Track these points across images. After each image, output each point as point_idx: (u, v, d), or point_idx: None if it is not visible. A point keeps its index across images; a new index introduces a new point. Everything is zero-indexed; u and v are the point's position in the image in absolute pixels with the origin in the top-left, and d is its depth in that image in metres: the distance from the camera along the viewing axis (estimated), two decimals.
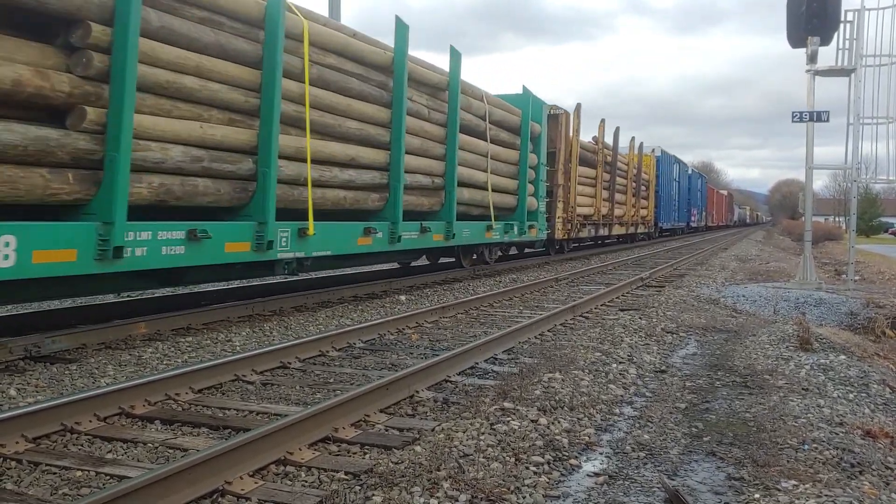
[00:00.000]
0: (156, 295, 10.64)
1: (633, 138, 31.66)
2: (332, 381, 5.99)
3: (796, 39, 13.27)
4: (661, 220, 37.96)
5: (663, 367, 6.79)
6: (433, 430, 4.53)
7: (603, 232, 26.02)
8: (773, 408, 5.40)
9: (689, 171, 48.12)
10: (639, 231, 33.18)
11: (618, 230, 28.60)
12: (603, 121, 25.57)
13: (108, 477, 3.77)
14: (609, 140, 26.39)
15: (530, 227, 16.82)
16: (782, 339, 8.03)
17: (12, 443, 4.11)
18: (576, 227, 21.73)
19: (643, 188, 33.16)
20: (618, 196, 27.71)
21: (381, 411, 4.96)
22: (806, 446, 4.51)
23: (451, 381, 5.93)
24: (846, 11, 13.05)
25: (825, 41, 13.17)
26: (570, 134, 21.12)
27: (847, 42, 13.12)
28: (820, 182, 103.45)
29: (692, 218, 49.05)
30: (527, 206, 16.49)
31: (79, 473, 3.81)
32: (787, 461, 4.25)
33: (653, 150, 36.78)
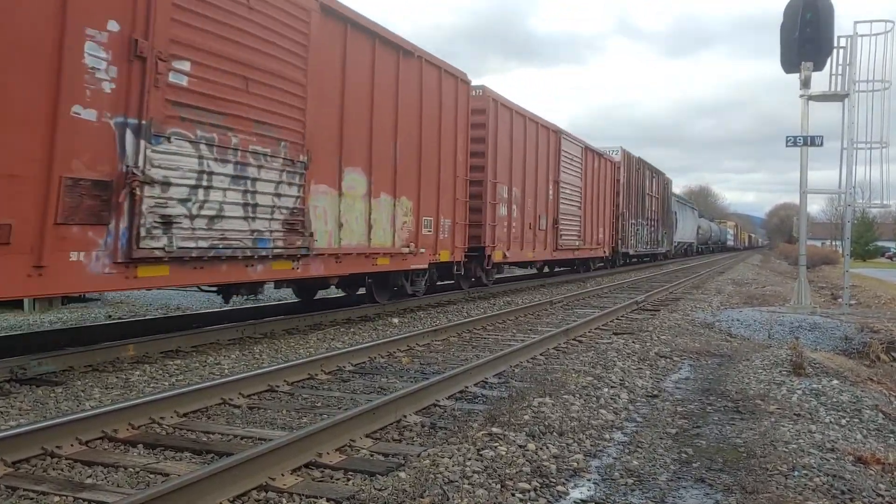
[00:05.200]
0: (146, 317, 10.58)
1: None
2: (319, 404, 5.92)
3: (790, 64, 13.33)
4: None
5: (655, 392, 6.74)
6: (419, 455, 4.47)
7: None
8: (764, 433, 5.34)
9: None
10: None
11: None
12: None
13: (86, 502, 3.70)
14: None
15: None
16: (776, 363, 7.98)
17: None
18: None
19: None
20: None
21: (368, 436, 4.90)
22: (796, 472, 4.46)
23: (439, 406, 5.87)
24: (839, 37, 13.11)
25: (818, 66, 13.22)
26: None
27: (840, 67, 13.17)
28: (816, 206, 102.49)
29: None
30: None
31: (57, 499, 3.74)
32: (777, 488, 4.19)
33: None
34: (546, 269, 24.29)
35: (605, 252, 26.71)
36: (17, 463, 4.21)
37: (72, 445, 4.53)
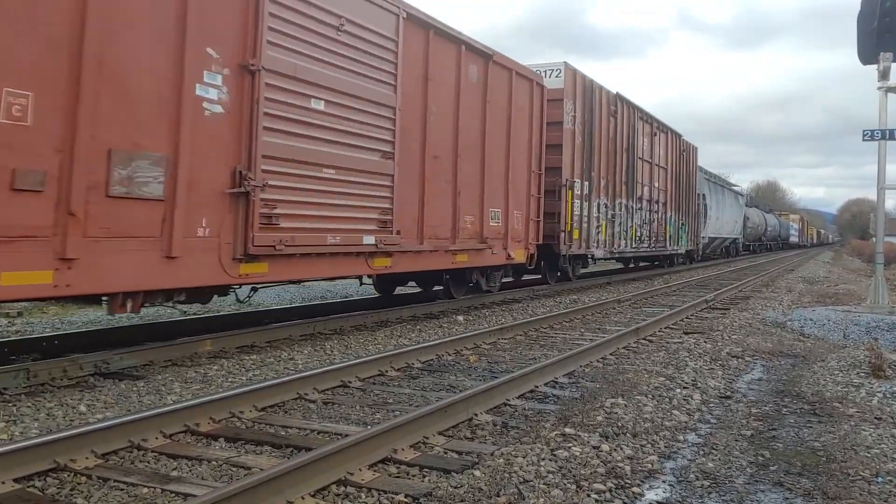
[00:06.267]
0: (221, 313, 10.86)
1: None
2: (391, 401, 6.01)
3: (867, 56, 12.90)
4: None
5: (728, 393, 6.63)
6: (492, 454, 4.50)
7: None
8: (844, 437, 5.21)
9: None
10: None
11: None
12: None
13: (173, 494, 3.84)
14: None
15: None
16: (853, 365, 7.77)
17: (82, 458, 4.23)
18: None
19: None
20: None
21: (440, 433, 4.96)
22: (880, 479, 4.34)
23: (510, 405, 5.89)
24: None
25: None
26: None
27: None
28: (892, 201, 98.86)
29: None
30: None
31: (145, 490, 3.89)
32: (860, 494, 4.09)
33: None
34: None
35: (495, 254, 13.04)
36: (107, 455, 4.39)
37: (157, 438, 4.70)
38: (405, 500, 3.80)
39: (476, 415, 5.42)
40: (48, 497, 3.80)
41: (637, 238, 21.35)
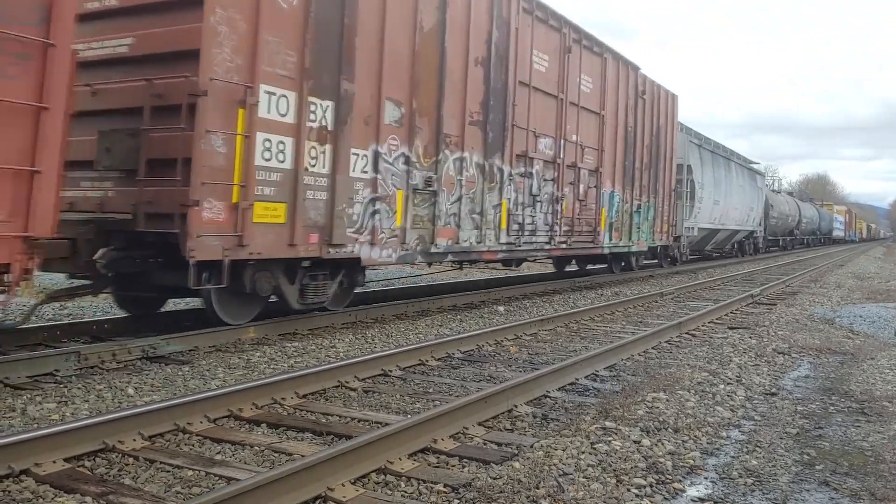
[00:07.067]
0: None
1: None
2: (430, 390, 6.03)
3: None
4: None
5: (774, 390, 6.52)
6: (532, 446, 4.50)
7: None
8: (894, 437, 5.10)
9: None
10: None
11: None
12: None
13: (217, 478, 3.91)
14: None
15: None
16: None
17: (130, 440, 4.33)
18: None
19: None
20: None
21: (480, 424, 4.96)
22: None
23: (550, 397, 5.87)
24: None
25: None
26: None
27: None
28: None
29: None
30: None
31: (190, 473, 3.97)
32: None
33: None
34: None
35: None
36: (153, 437, 4.48)
37: (201, 422, 4.78)
38: (444, 489, 3.81)
39: (516, 406, 5.41)
40: (97, 476, 3.89)
41: (516, 226, 12.38)
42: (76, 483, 3.72)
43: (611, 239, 16.19)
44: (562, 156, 13.66)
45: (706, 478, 4.23)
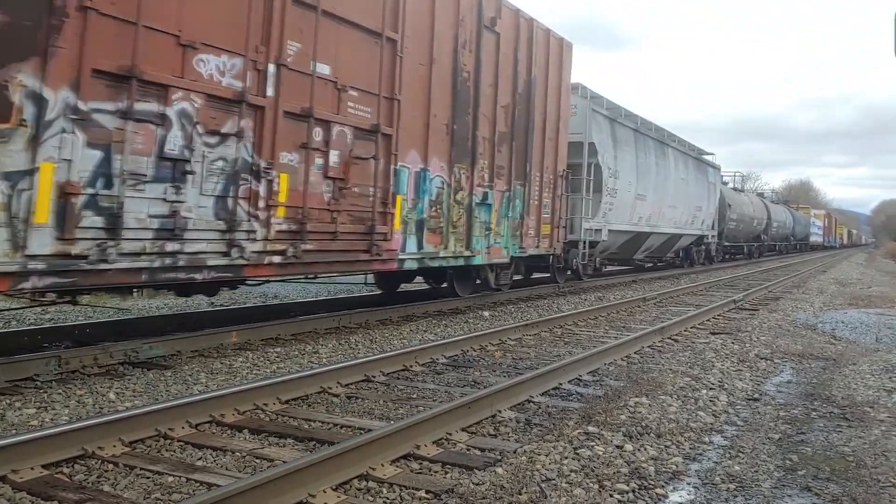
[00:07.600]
0: (246, 305, 10.95)
1: None
2: (414, 396, 6.02)
3: None
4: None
5: (756, 395, 6.54)
6: (515, 451, 4.49)
7: None
8: (875, 442, 5.13)
9: None
10: None
11: None
12: None
13: (197, 484, 3.88)
14: None
15: None
16: (885, 369, 7.64)
17: (110, 446, 4.29)
18: None
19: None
20: None
21: (463, 430, 4.95)
22: None
23: (533, 402, 5.87)
24: None
25: None
26: None
27: None
28: None
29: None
30: None
31: (170, 479, 3.93)
32: (890, 501, 4.02)
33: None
34: None
35: None
36: (134, 443, 4.44)
37: (183, 428, 4.74)
38: (427, 496, 3.80)
39: (500, 411, 5.41)
40: (75, 483, 3.85)
41: (98, 220, 5.93)
42: (54, 490, 3.68)
43: (419, 245, 10.08)
44: (270, 92, 7.45)
45: (689, 483, 4.24)
